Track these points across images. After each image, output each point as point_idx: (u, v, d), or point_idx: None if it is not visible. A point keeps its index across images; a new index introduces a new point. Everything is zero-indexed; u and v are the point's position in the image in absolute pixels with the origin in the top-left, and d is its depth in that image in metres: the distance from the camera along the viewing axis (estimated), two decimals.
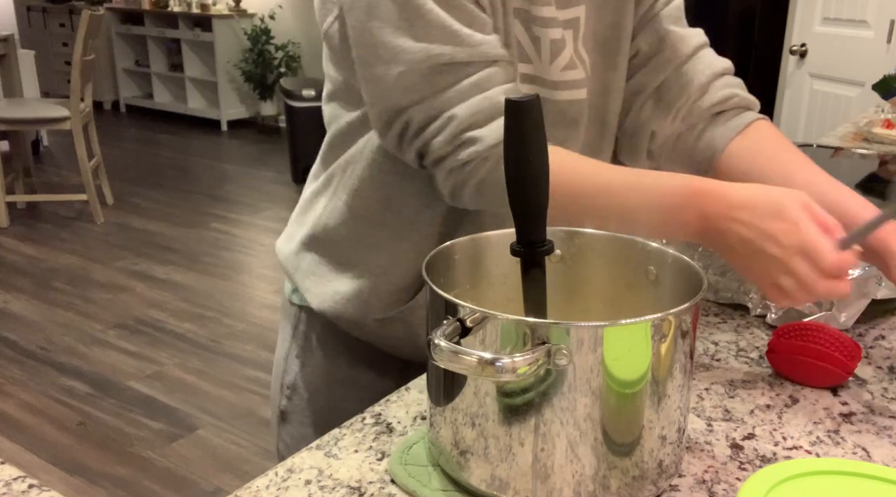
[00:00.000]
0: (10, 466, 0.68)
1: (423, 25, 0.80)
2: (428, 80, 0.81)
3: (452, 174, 0.84)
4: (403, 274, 0.97)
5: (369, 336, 1.01)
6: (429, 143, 0.83)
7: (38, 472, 2.41)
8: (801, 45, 3.39)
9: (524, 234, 0.65)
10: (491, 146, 0.81)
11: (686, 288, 0.65)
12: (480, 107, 0.81)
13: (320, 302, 1.01)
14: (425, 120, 0.82)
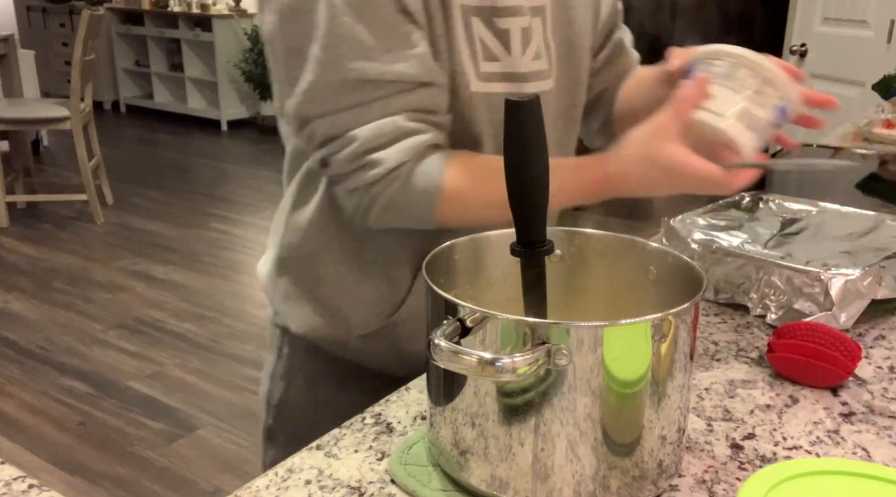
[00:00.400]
0: (10, 466, 0.68)
1: (336, 37, 0.77)
2: (335, 95, 0.79)
3: (355, 194, 0.83)
4: (379, 286, 0.95)
5: (354, 354, 0.99)
6: (329, 158, 0.83)
7: (38, 472, 2.41)
8: (801, 45, 3.39)
9: (524, 234, 0.65)
10: (392, 169, 0.80)
11: (686, 288, 0.65)
12: (383, 130, 0.80)
13: (299, 325, 1.00)
14: (328, 135, 0.81)
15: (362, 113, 0.80)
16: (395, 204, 0.82)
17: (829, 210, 1.17)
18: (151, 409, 2.78)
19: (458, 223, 0.84)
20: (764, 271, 0.96)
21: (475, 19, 0.85)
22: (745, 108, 0.77)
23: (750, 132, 0.77)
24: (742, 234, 1.06)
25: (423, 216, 0.83)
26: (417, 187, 0.82)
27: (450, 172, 0.82)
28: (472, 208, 0.84)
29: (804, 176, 1.86)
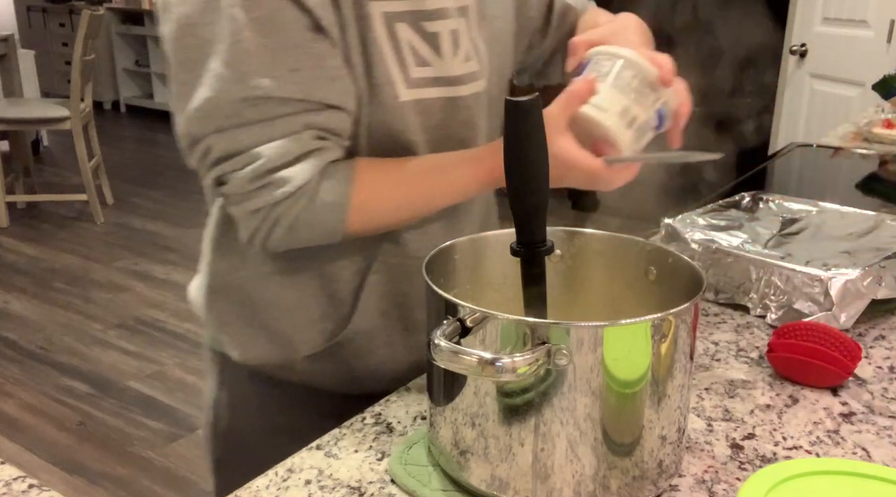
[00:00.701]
0: (10, 466, 0.68)
1: (239, 53, 0.72)
2: (235, 111, 0.74)
3: (257, 215, 0.78)
4: (321, 304, 0.90)
5: (301, 376, 0.94)
6: (228, 176, 0.77)
7: (38, 472, 2.41)
8: (801, 45, 3.39)
9: (524, 234, 0.65)
10: (299, 186, 0.76)
11: (686, 288, 0.65)
12: (289, 148, 0.75)
13: (241, 353, 0.94)
14: (226, 152, 0.76)
15: (265, 129, 0.75)
16: (302, 222, 0.78)
17: (829, 210, 1.17)
18: (151, 409, 2.78)
19: (365, 232, 0.83)
20: (764, 271, 0.96)
21: (401, 25, 0.81)
22: (626, 107, 0.80)
23: (629, 130, 0.80)
24: (742, 234, 1.06)
25: (332, 231, 0.80)
26: (326, 202, 0.78)
27: (358, 182, 0.79)
28: (384, 215, 0.83)
29: (803, 175, 1.86)
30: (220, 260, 0.93)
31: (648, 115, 0.81)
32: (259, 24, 0.72)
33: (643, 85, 0.80)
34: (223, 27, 0.72)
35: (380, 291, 0.88)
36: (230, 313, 0.94)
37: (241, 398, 0.98)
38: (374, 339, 0.90)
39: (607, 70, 0.81)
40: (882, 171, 1.82)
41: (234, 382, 0.98)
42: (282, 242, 0.80)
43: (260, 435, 0.97)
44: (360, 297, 0.88)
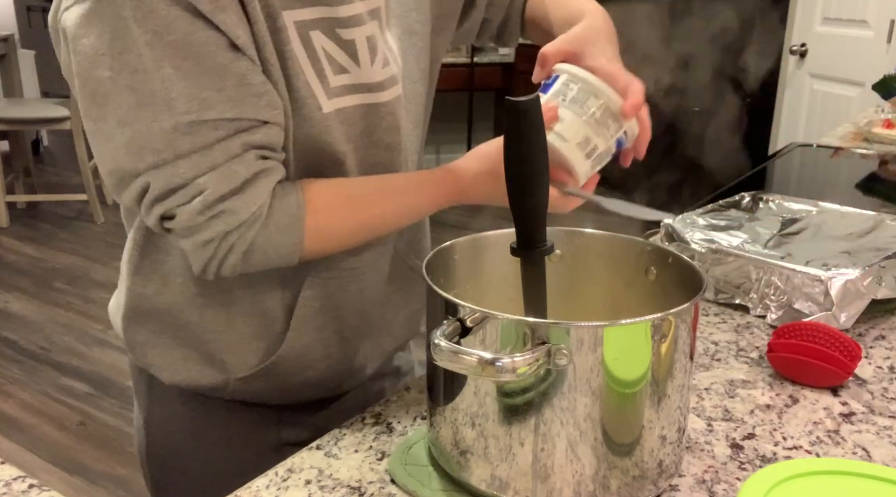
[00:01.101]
0: (10, 466, 0.68)
1: (160, 81, 0.69)
2: (169, 142, 0.70)
3: (209, 246, 0.75)
4: (252, 324, 0.87)
5: (234, 395, 0.90)
6: (174, 210, 0.73)
7: (38, 472, 2.41)
8: (801, 45, 3.39)
9: (524, 235, 0.65)
10: (252, 212, 0.74)
11: (686, 288, 0.65)
12: (234, 172, 0.72)
13: (170, 375, 0.90)
14: (168, 186, 0.72)
15: (204, 158, 0.71)
16: (258, 248, 0.76)
17: (829, 210, 1.17)
18: None
19: (324, 253, 0.82)
20: (764, 271, 0.96)
21: (315, 33, 0.78)
22: (587, 137, 0.80)
23: (588, 160, 0.81)
24: (742, 234, 1.06)
25: (288, 255, 0.78)
26: (280, 226, 0.76)
27: (312, 203, 0.78)
28: (341, 237, 0.82)
29: (803, 175, 1.86)
30: (141, 284, 0.88)
31: (608, 144, 0.82)
32: (175, 48, 0.69)
33: (606, 115, 0.80)
34: (137, 55, 0.68)
35: (314, 307, 0.86)
36: (156, 337, 0.90)
37: (173, 417, 0.94)
38: (311, 354, 0.88)
39: (573, 96, 0.81)
40: (882, 171, 1.82)
41: (164, 401, 0.94)
42: (236, 270, 0.77)
43: (197, 451, 0.93)
44: (294, 315, 0.85)
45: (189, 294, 0.86)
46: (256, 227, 0.74)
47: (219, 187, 0.72)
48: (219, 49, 0.70)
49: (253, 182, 0.73)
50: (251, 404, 0.91)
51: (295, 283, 0.85)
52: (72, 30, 0.70)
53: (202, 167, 0.71)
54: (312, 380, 0.90)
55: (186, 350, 0.88)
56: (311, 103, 0.78)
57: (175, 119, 0.69)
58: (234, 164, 0.72)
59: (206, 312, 0.86)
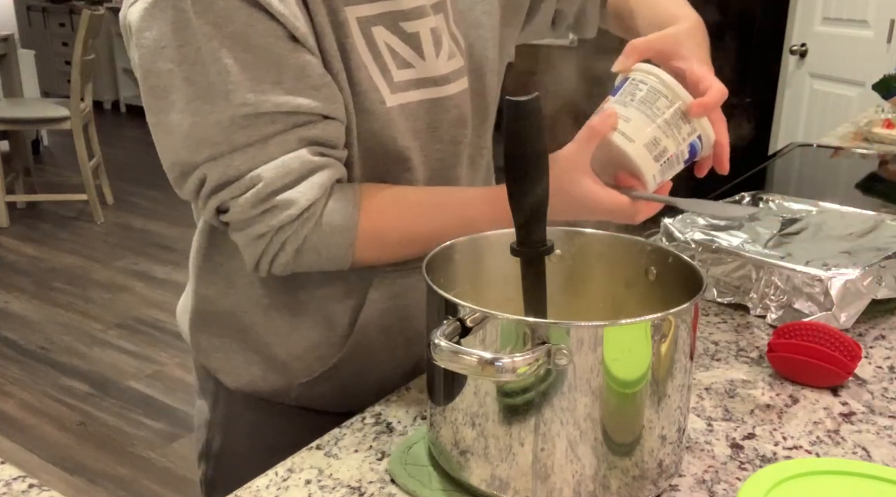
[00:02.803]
0: (10, 466, 0.68)
1: (218, 72, 0.69)
2: (226, 135, 0.71)
3: (262, 241, 0.75)
4: (317, 328, 0.86)
5: (298, 400, 0.90)
6: (228, 203, 0.74)
7: (38, 472, 2.41)
8: (801, 45, 3.39)
9: (524, 234, 0.65)
10: (305, 208, 0.73)
11: (686, 288, 0.65)
12: (290, 167, 0.72)
13: (233, 380, 0.91)
14: (223, 178, 0.73)
15: (260, 151, 0.72)
16: (310, 246, 0.75)
17: (829, 210, 1.17)
18: (151, 409, 2.78)
19: (374, 261, 0.80)
20: (764, 271, 0.96)
21: (378, 28, 0.78)
22: (656, 138, 0.76)
23: (656, 164, 0.77)
24: (742, 234, 1.06)
25: (340, 257, 0.77)
26: (334, 226, 0.75)
27: (367, 207, 0.77)
28: (392, 245, 0.80)
29: (803, 174, 1.86)
30: (206, 285, 0.89)
31: (680, 148, 0.78)
32: (234, 39, 0.69)
33: (677, 117, 0.76)
34: (196, 47, 0.69)
35: (380, 308, 0.86)
36: (221, 340, 0.90)
37: (235, 420, 0.95)
38: (375, 356, 0.88)
39: (642, 96, 0.77)
40: (882, 171, 1.82)
41: (228, 404, 0.95)
42: (287, 268, 0.77)
43: (251, 455, 0.92)
44: (360, 317, 0.85)
45: (254, 296, 0.86)
46: (310, 226, 0.74)
47: (273, 181, 0.72)
48: (277, 40, 0.71)
49: (307, 177, 0.73)
50: (315, 412, 0.90)
51: (361, 286, 0.85)
52: (135, 23, 0.71)
53: (257, 160, 0.72)
54: (376, 383, 0.88)
55: (249, 354, 0.88)
56: (373, 97, 0.77)
57: (232, 111, 0.70)
58: (289, 158, 0.72)
59: (270, 314, 0.86)
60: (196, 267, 0.90)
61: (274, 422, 0.92)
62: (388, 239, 0.79)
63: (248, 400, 0.92)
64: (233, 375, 0.91)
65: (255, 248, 0.76)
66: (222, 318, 0.89)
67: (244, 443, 0.95)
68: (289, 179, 0.73)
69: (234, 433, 0.95)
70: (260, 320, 0.87)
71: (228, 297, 0.88)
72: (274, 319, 0.86)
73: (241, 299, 0.87)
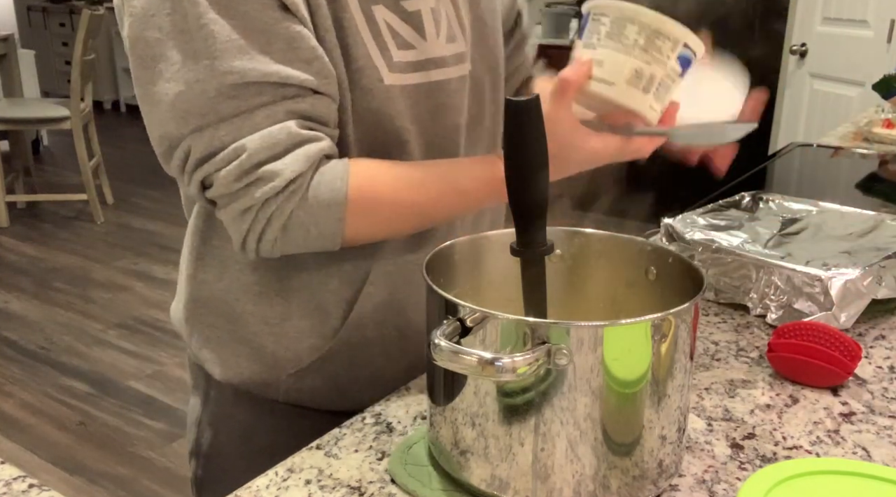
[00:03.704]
0: (10, 466, 0.68)
1: (204, 39, 0.67)
2: (211, 105, 0.69)
3: (247, 216, 0.72)
4: (308, 317, 0.85)
5: (288, 395, 0.89)
6: (212, 176, 0.71)
7: (38, 472, 2.41)
8: (801, 45, 3.39)
9: (524, 235, 0.65)
10: (290, 180, 0.71)
11: (686, 288, 0.65)
12: (276, 138, 0.70)
13: (223, 371, 0.89)
14: (208, 149, 0.70)
15: (245, 121, 0.69)
16: (297, 222, 0.73)
17: (829, 210, 1.17)
18: (151, 408, 2.78)
19: (368, 237, 0.78)
20: (764, 271, 0.96)
21: (378, 7, 0.76)
22: (637, 69, 0.71)
23: (647, 95, 0.72)
24: (742, 234, 1.06)
25: (330, 233, 0.74)
26: (322, 200, 0.72)
27: (355, 180, 0.74)
28: (385, 219, 0.77)
29: (803, 174, 1.86)
30: (201, 270, 0.87)
31: (668, 67, 0.72)
32: (221, 6, 0.68)
33: (652, 37, 0.71)
34: (183, 14, 0.68)
35: (375, 302, 0.84)
36: (212, 329, 0.89)
37: (225, 418, 0.94)
38: (367, 351, 0.86)
39: (607, 30, 0.72)
40: (882, 171, 1.82)
41: (218, 401, 0.93)
42: (276, 247, 0.75)
43: (242, 456, 0.92)
44: (354, 309, 0.84)
45: (246, 282, 0.84)
46: (296, 199, 0.72)
47: (257, 152, 0.70)
48: (266, 8, 0.69)
49: (293, 150, 0.71)
50: (305, 411, 0.89)
51: (357, 277, 0.83)
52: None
53: (242, 131, 0.70)
54: (369, 378, 0.87)
55: (239, 345, 0.87)
56: (371, 74, 0.75)
57: (218, 80, 0.68)
58: (275, 129, 0.70)
59: (261, 302, 0.84)
60: (192, 251, 0.88)
61: (264, 420, 0.91)
62: (379, 212, 0.77)
63: (238, 396, 0.91)
64: (222, 367, 0.89)
65: (240, 224, 0.73)
66: (214, 306, 0.88)
67: (234, 441, 0.94)
68: (274, 151, 0.70)
69: (223, 431, 0.94)
70: (251, 308, 0.85)
71: (222, 282, 0.86)
72: (265, 306, 0.85)
73: (234, 285, 0.85)
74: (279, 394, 0.89)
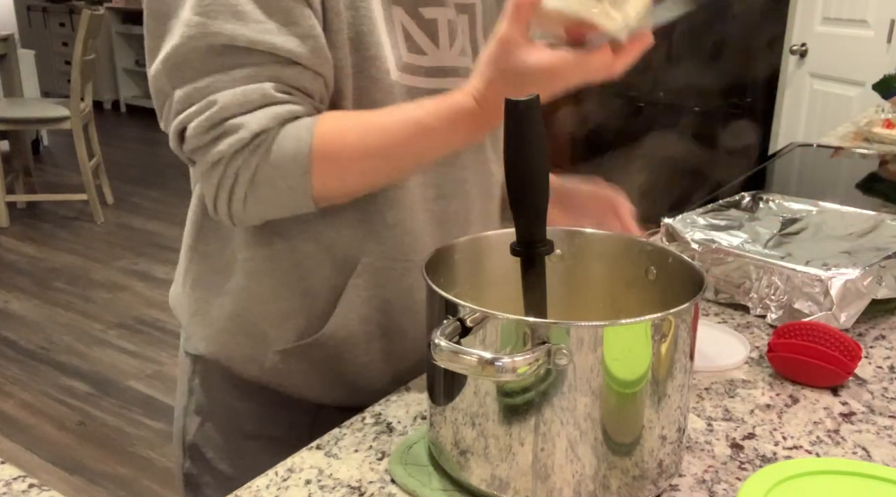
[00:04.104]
0: (10, 466, 0.68)
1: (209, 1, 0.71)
2: (200, 60, 0.72)
3: (216, 171, 0.74)
4: (296, 299, 0.86)
5: (271, 376, 0.89)
6: (185, 128, 0.73)
7: (38, 471, 2.41)
8: (801, 45, 3.39)
9: (524, 234, 0.65)
10: (256, 133, 0.72)
11: (686, 288, 0.65)
12: (249, 96, 0.72)
13: (209, 344, 0.90)
14: (185, 100, 0.73)
15: (226, 77, 0.71)
16: (264, 176, 0.73)
17: (829, 210, 1.17)
18: (151, 408, 2.78)
19: (337, 189, 0.77)
20: (764, 271, 0.96)
21: (397, 8, 0.79)
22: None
23: (601, 4, 0.69)
24: (742, 234, 1.06)
25: (298, 188, 0.74)
26: (286, 152, 0.73)
27: (320, 130, 0.74)
28: (351, 167, 0.76)
29: (803, 174, 1.86)
30: (200, 242, 0.90)
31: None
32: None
33: None
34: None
35: (362, 296, 0.85)
36: (203, 301, 0.90)
37: (211, 404, 0.94)
38: (352, 346, 0.87)
39: None
40: (882, 171, 1.82)
41: (205, 385, 0.94)
42: (247, 206, 0.75)
43: (229, 444, 0.93)
44: (340, 300, 0.85)
45: (242, 257, 0.86)
46: (261, 153, 0.73)
47: (228, 106, 0.72)
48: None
49: (263, 108, 0.73)
50: (288, 400, 0.90)
51: (346, 266, 0.84)
52: None
53: (219, 85, 0.72)
54: (351, 376, 0.88)
55: (229, 319, 0.89)
56: (380, 66, 0.77)
57: (211, 39, 0.71)
58: (251, 88, 0.72)
59: (252, 279, 0.86)
60: (194, 221, 0.90)
61: (251, 406, 0.92)
62: (343, 160, 0.76)
63: (226, 381, 0.92)
64: (209, 339, 0.90)
65: (210, 179, 0.75)
66: (209, 277, 0.90)
67: (220, 427, 0.94)
68: (245, 108, 0.72)
69: (209, 418, 0.94)
70: (242, 281, 0.87)
71: (219, 255, 0.88)
72: (255, 282, 0.86)
73: (231, 258, 0.87)
74: (263, 371, 0.89)
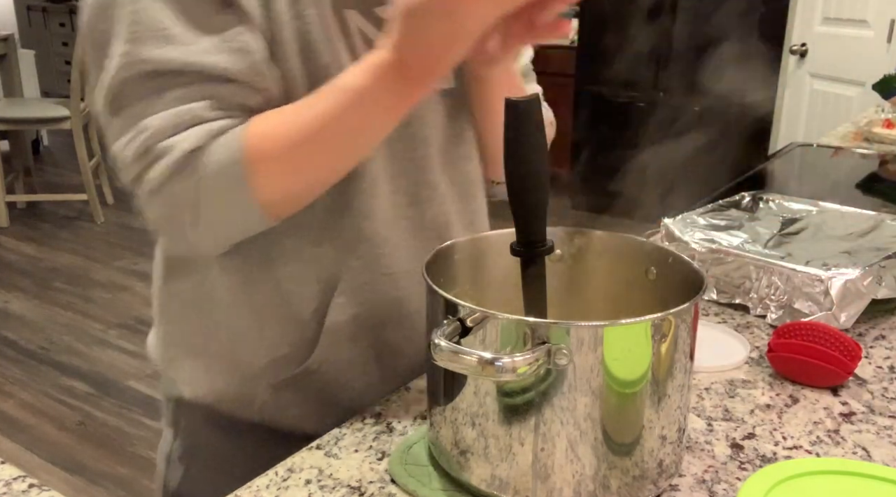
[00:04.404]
0: (10, 466, 0.68)
1: (138, 28, 0.68)
2: (133, 88, 0.68)
3: (156, 200, 0.70)
4: (280, 325, 0.82)
5: (264, 415, 0.84)
6: (121, 158, 0.70)
7: (38, 471, 2.41)
8: (801, 45, 3.39)
9: (524, 234, 0.65)
10: (187, 152, 0.68)
11: (686, 288, 0.65)
12: (181, 118, 0.68)
13: (194, 389, 0.86)
14: (120, 130, 0.70)
15: (158, 101, 0.68)
16: (204, 194, 0.69)
17: (829, 210, 1.17)
18: (151, 408, 2.78)
19: (285, 191, 0.72)
20: (764, 271, 0.96)
21: (351, 13, 0.76)
22: None
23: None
24: (742, 234, 1.06)
25: (239, 196, 0.70)
26: (219, 162, 0.68)
27: (249, 132, 0.70)
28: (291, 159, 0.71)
29: (803, 174, 1.86)
30: (171, 280, 0.86)
31: None
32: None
33: None
34: (128, 5, 0.68)
35: (347, 314, 0.81)
36: (183, 345, 0.87)
37: (196, 450, 0.90)
38: (346, 370, 0.83)
39: None
40: (882, 171, 1.82)
41: (190, 430, 0.90)
42: (199, 232, 0.72)
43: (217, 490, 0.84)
44: (326, 321, 0.81)
45: (216, 292, 0.82)
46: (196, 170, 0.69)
47: (160, 130, 0.68)
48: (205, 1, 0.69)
49: (193, 127, 0.69)
50: (279, 436, 0.84)
51: (327, 286, 0.80)
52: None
53: (151, 110, 0.68)
54: (348, 403, 0.83)
55: (211, 359, 0.85)
56: (336, 72, 0.72)
57: (140, 67, 0.68)
58: (183, 109, 0.68)
59: (231, 313, 0.82)
60: (162, 259, 0.88)
61: (238, 445, 0.87)
62: (279, 155, 0.71)
63: (211, 421, 0.87)
64: (194, 383, 0.87)
65: (153, 211, 0.72)
66: (185, 319, 0.87)
67: (206, 474, 0.89)
68: (177, 130, 0.68)
69: (195, 465, 0.91)
70: (222, 317, 0.83)
71: (192, 291, 0.85)
72: (235, 316, 0.83)
73: (204, 294, 0.84)
74: (254, 411, 0.85)
